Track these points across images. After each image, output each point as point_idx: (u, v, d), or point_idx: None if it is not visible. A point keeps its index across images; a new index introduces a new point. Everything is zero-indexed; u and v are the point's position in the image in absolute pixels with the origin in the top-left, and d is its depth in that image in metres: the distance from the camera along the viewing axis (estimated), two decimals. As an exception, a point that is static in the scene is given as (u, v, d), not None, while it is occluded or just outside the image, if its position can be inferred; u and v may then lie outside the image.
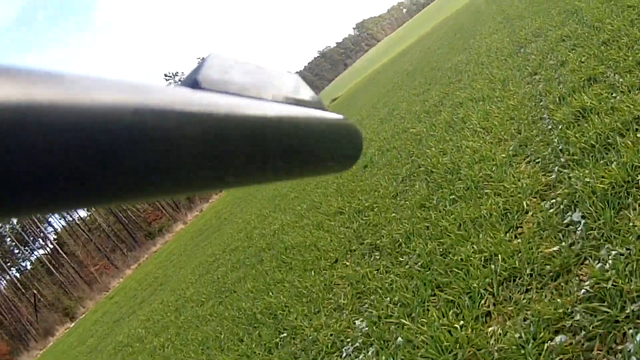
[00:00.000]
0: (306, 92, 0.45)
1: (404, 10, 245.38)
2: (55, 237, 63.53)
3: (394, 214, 5.31)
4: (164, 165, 0.24)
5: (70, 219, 64.60)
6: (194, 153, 0.26)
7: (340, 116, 0.46)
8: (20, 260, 61.19)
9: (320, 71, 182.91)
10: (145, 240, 57.50)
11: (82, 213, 67.32)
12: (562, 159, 3.69)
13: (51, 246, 61.60)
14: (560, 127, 4.12)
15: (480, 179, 4.35)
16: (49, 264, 58.34)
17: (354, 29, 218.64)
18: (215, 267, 10.92)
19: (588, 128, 3.70)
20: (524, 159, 4.20)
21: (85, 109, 0.20)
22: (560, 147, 3.85)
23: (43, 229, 61.91)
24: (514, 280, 3.01)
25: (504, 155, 4.49)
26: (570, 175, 3.42)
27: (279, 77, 0.42)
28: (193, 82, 0.32)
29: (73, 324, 45.56)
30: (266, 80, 0.39)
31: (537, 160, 4.01)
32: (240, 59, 0.37)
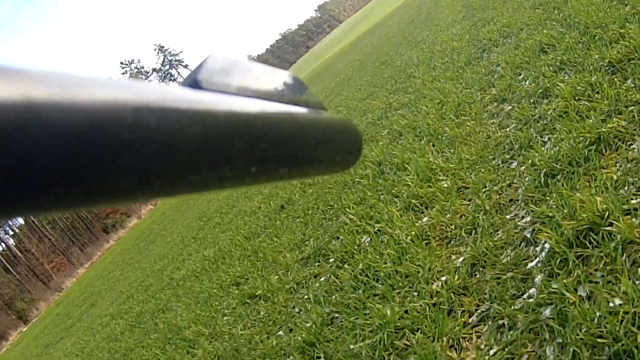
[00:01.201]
0: (306, 92, 0.44)
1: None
2: (12, 232, 60.70)
3: (279, 333, 3.37)
4: (165, 165, 0.24)
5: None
6: (194, 153, 0.25)
7: (340, 116, 0.46)
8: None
9: (282, 54, 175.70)
10: (102, 234, 55.04)
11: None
12: (559, 341, 1.70)
13: (10, 241, 58.70)
14: (548, 248, 2.14)
15: (397, 339, 2.36)
16: (5, 262, 55.31)
17: (315, 10, 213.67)
18: (125, 309, 9.61)
19: (613, 287, 1.70)
20: (478, 304, 2.21)
21: (85, 109, 0.20)
22: (548, 310, 1.87)
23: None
24: None
25: (445, 278, 2.50)
26: None
27: (279, 76, 0.42)
28: (193, 82, 0.31)
29: (26, 328, 43.40)
30: (266, 80, 0.39)
31: (499, 322, 2.02)
32: (241, 59, 0.37)
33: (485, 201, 2.87)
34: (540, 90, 3.63)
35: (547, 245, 2.15)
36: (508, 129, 3.53)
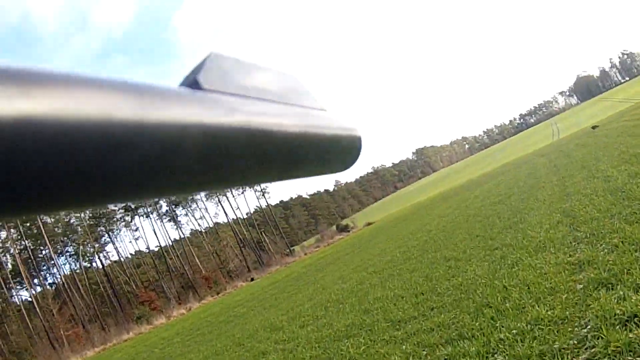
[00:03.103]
0: (306, 93, 0.44)
1: (467, 146, 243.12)
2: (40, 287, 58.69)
3: None
4: (165, 165, 0.24)
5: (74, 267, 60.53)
6: (194, 153, 0.26)
7: (340, 117, 0.46)
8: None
9: (369, 187, 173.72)
10: (129, 320, 51.82)
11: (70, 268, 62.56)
12: None
13: (39, 289, 56.47)
14: None
15: None
16: (24, 310, 52.66)
17: (413, 153, 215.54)
18: None
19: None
20: None
21: (87, 110, 0.20)
22: None
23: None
24: None
25: None
26: None
27: (279, 77, 0.41)
28: (193, 82, 0.31)
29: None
30: (266, 80, 0.39)
31: None
32: (241, 59, 0.37)
33: None
34: None
35: None
36: None
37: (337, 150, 0.43)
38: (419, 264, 10.01)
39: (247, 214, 79.26)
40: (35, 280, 57.36)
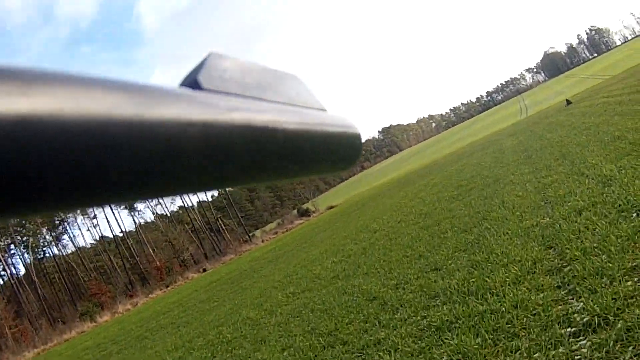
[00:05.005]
0: (306, 93, 0.43)
1: (433, 124, 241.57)
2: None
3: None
4: (165, 165, 0.24)
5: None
6: (194, 153, 0.26)
7: (339, 117, 0.46)
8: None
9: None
10: (75, 316, 48.16)
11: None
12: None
13: None
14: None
15: None
16: None
17: (379, 132, 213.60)
18: None
19: None
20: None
21: (87, 110, 0.20)
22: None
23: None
24: None
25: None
26: None
27: (280, 77, 0.41)
28: (193, 82, 0.31)
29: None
30: (267, 80, 0.39)
31: None
32: (241, 59, 0.37)
33: None
34: None
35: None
36: None
37: (338, 150, 0.42)
38: (338, 296, 7.13)
39: (212, 196, 76.05)
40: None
